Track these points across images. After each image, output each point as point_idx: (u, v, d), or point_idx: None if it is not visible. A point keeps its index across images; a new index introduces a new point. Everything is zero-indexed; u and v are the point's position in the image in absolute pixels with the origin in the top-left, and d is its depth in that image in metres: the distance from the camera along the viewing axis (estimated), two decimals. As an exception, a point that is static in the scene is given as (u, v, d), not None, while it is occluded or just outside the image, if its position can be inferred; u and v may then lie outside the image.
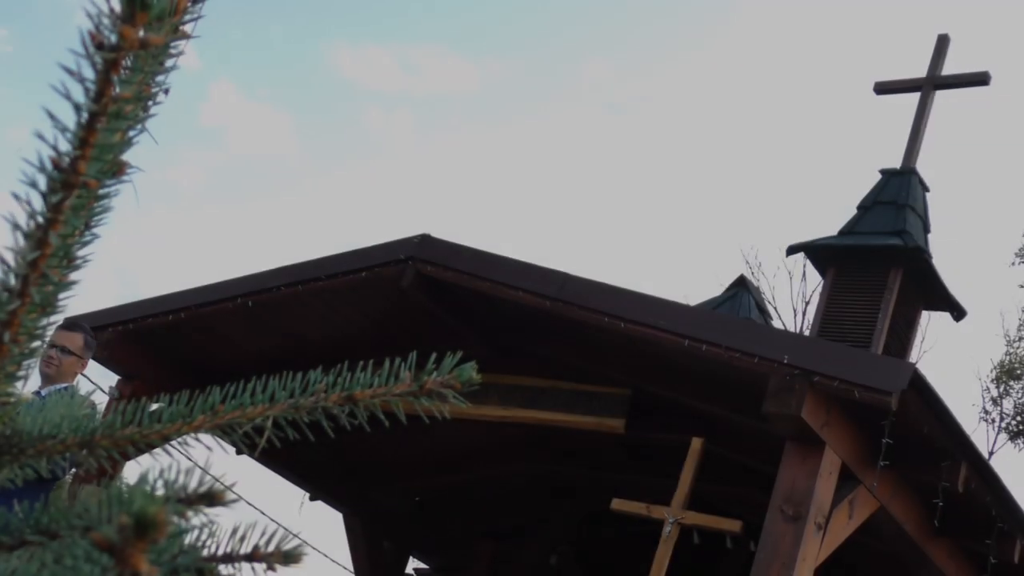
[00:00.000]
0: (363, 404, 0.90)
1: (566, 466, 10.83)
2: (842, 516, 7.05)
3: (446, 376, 0.92)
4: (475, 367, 0.93)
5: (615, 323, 7.54)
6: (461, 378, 0.92)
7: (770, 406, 6.74)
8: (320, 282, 8.96)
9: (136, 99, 0.72)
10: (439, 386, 0.91)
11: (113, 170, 0.74)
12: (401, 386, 0.91)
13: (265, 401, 0.88)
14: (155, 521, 0.57)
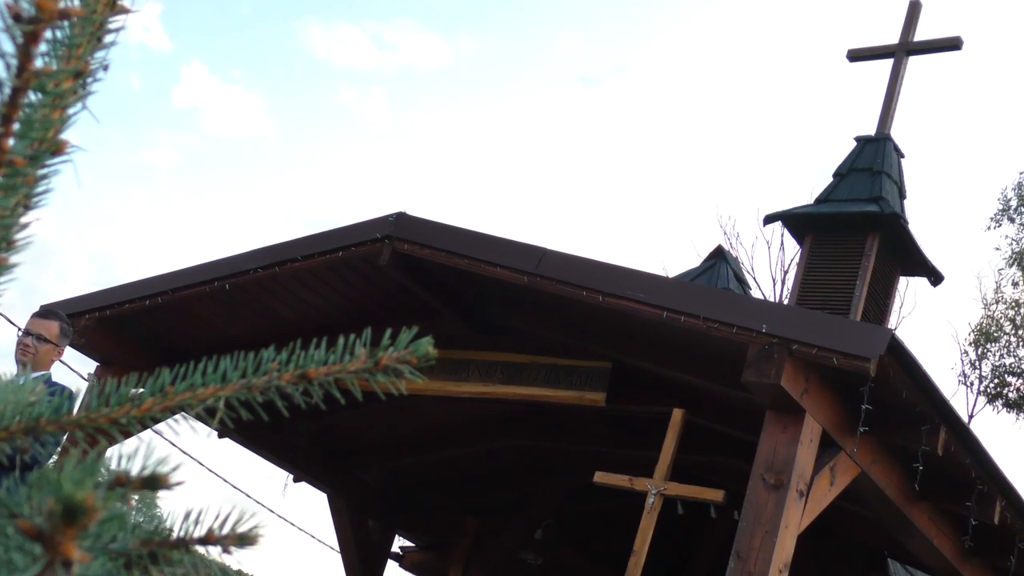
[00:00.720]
0: (318, 382, 0.89)
1: (549, 441, 10.85)
2: (824, 483, 7.08)
3: (402, 352, 0.90)
4: (431, 342, 0.91)
5: (593, 297, 7.53)
6: (417, 353, 0.90)
7: (749, 375, 6.74)
8: (297, 263, 8.93)
9: (69, 74, 0.69)
10: (395, 362, 0.90)
11: (50, 149, 0.72)
12: (356, 363, 0.89)
13: (217, 381, 0.86)
14: (84, 507, 0.55)
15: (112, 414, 0.79)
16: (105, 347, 9.79)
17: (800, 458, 6.76)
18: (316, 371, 0.89)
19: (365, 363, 0.89)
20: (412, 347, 0.90)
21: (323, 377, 0.89)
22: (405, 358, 0.90)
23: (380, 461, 11.65)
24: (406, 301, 9.35)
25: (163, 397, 0.81)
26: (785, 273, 24.53)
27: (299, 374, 0.88)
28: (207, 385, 0.85)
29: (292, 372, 0.87)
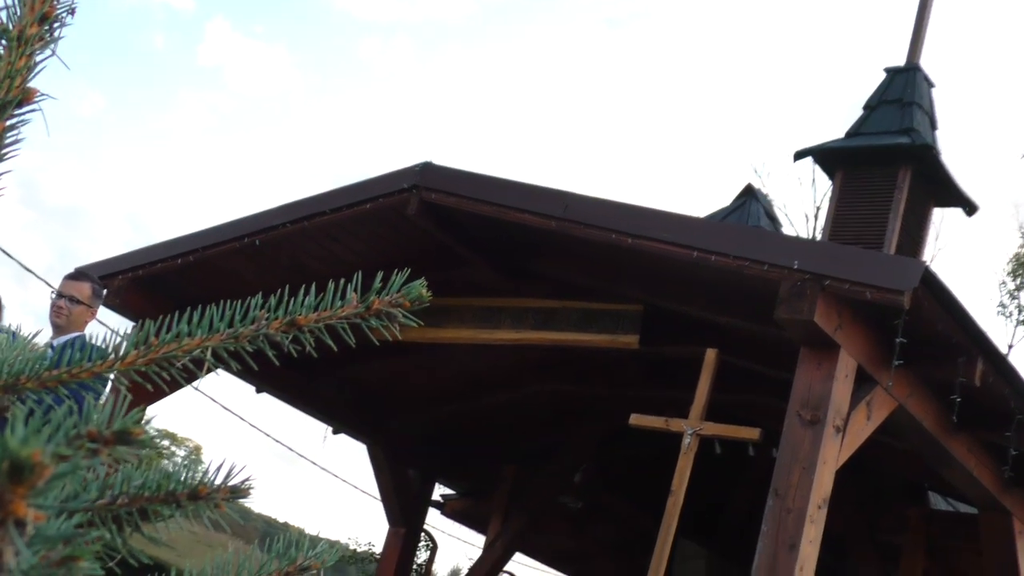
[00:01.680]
0: (308, 329, 0.87)
1: (583, 385, 10.85)
2: (860, 418, 7.04)
3: (394, 295, 0.88)
4: (424, 284, 0.89)
5: (621, 239, 7.49)
6: (410, 296, 0.88)
7: (782, 312, 6.70)
8: (325, 216, 8.92)
9: (33, 20, 0.67)
10: (387, 306, 0.88)
11: (18, 98, 0.70)
12: (347, 308, 0.87)
13: (203, 331, 0.84)
14: (30, 464, 0.54)
15: (95, 368, 0.78)
16: (139, 307, 9.83)
17: (836, 394, 6.72)
18: (306, 318, 0.86)
19: (356, 308, 0.86)
20: (404, 290, 0.88)
21: (313, 324, 0.86)
22: (397, 302, 0.87)
23: (416, 411, 11.70)
24: (435, 251, 9.33)
25: (147, 349, 0.79)
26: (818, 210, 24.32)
27: (288, 322, 0.86)
28: (193, 336, 0.83)
29: (281, 320, 0.85)
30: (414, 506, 12.06)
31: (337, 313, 0.87)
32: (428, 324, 9.62)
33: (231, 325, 0.86)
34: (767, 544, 6.55)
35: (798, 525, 6.49)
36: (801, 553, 6.47)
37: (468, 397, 11.50)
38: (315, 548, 0.93)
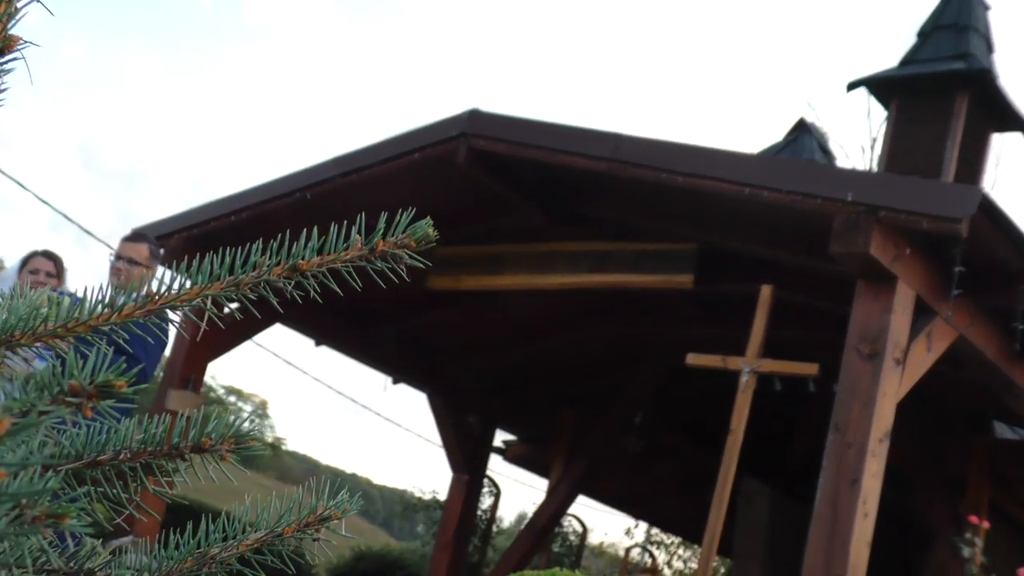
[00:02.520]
0: (311, 274, 0.85)
1: (639, 327, 10.81)
2: (920, 349, 6.96)
3: (400, 236, 0.86)
4: (431, 223, 0.87)
5: (672, 178, 7.42)
6: (416, 236, 0.86)
7: (837, 246, 6.61)
8: (374, 168, 8.92)
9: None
10: (393, 247, 0.86)
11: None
12: (352, 251, 0.85)
13: (204, 280, 0.83)
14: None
15: (91, 321, 0.77)
16: (196, 265, 9.93)
17: (894, 326, 6.64)
18: (308, 263, 0.85)
19: (360, 251, 0.85)
20: (410, 230, 0.86)
21: (316, 269, 0.85)
22: (403, 242, 0.85)
23: (474, 359, 11.73)
24: (487, 198, 9.31)
25: (145, 300, 0.78)
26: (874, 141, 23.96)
27: (290, 267, 0.84)
28: (192, 285, 0.82)
29: (283, 265, 0.84)
30: (476, 453, 12.14)
31: (341, 256, 0.85)
32: (483, 272, 9.62)
33: (232, 272, 0.84)
34: (828, 479, 6.51)
35: (859, 459, 6.44)
36: (863, 487, 6.43)
37: (525, 343, 11.51)
38: (336, 497, 0.92)
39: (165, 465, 0.78)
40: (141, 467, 0.75)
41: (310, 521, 0.89)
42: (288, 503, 0.88)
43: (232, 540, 0.85)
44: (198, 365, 9.84)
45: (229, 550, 0.84)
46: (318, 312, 10.78)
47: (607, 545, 24.09)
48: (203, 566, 0.82)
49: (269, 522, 0.88)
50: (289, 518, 0.89)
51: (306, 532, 0.89)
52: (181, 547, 0.82)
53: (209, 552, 0.83)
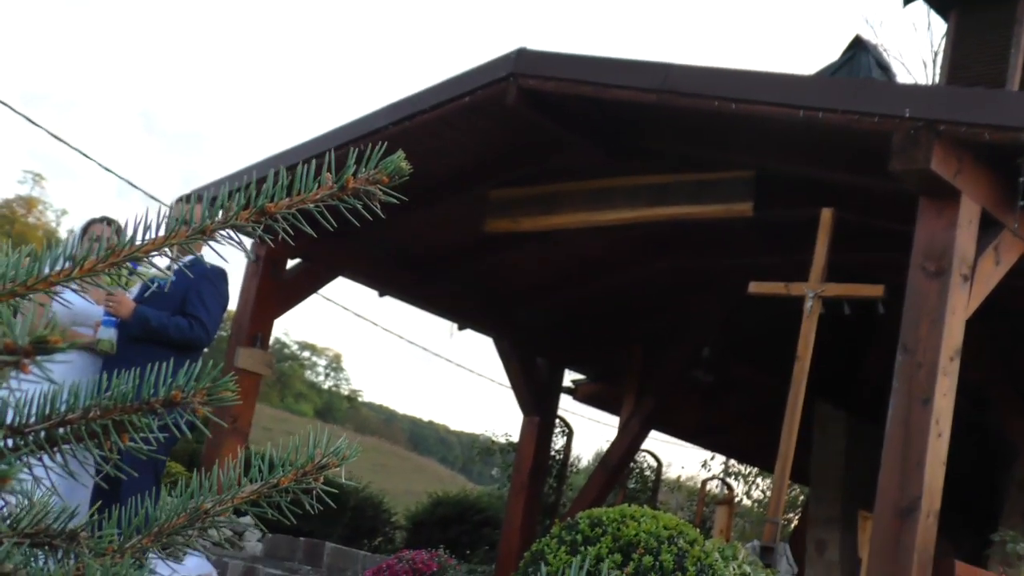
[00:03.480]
0: (280, 216, 0.82)
1: (702, 258, 10.72)
2: (988, 264, 6.81)
3: (370, 172, 0.82)
4: (402, 157, 0.83)
5: (725, 105, 7.30)
6: (388, 170, 0.82)
7: (897, 163, 6.48)
8: (426, 114, 8.88)
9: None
10: (364, 184, 0.82)
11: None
12: (322, 190, 0.82)
13: (171, 229, 0.80)
14: None
15: (52, 278, 0.75)
16: (256, 223, 9.98)
17: (960, 241, 6.51)
18: (277, 205, 0.82)
19: (331, 189, 0.81)
20: (382, 165, 0.82)
21: (285, 211, 0.82)
22: (375, 178, 0.82)
23: (538, 300, 11.71)
24: (540, 138, 9.24)
25: (108, 254, 0.75)
26: (935, 55, 23.41)
27: (258, 210, 0.81)
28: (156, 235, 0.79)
29: (250, 209, 0.81)
30: (546, 394, 12.15)
31: (310, 196, 0.82)
32: (540, 212, 9.57)
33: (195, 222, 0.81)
34: (900, 400, 6.42)
35: (930, 379, 6.35)
36: (936, 407, 6.34)
37: (588, 281, 11.47)
38: (333, 446, 0.90)
39: (138, 421, 0.76)
40: (113, 425, 0.73)
41: (308, 470, 0.87)
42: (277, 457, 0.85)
43: (227, 493, 0.83)
44: (265, 322, 9.92)
45: (224, 503, 0.83)
46: (380, 263, 10.82)
47: (685, 478, 24.12)
48: (196, 520, 0.80)
49: (265, 473, 0.85)
50: (286, 468, 0.87)
51: (304, 482, 0.87)
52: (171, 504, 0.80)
53: (202, 507, 0.81)
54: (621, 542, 4.60)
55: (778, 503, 7.08)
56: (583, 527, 4.71)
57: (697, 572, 4.56)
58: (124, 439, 0.76)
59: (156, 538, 0.78)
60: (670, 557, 4.54)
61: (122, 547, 0.75)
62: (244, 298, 10.00)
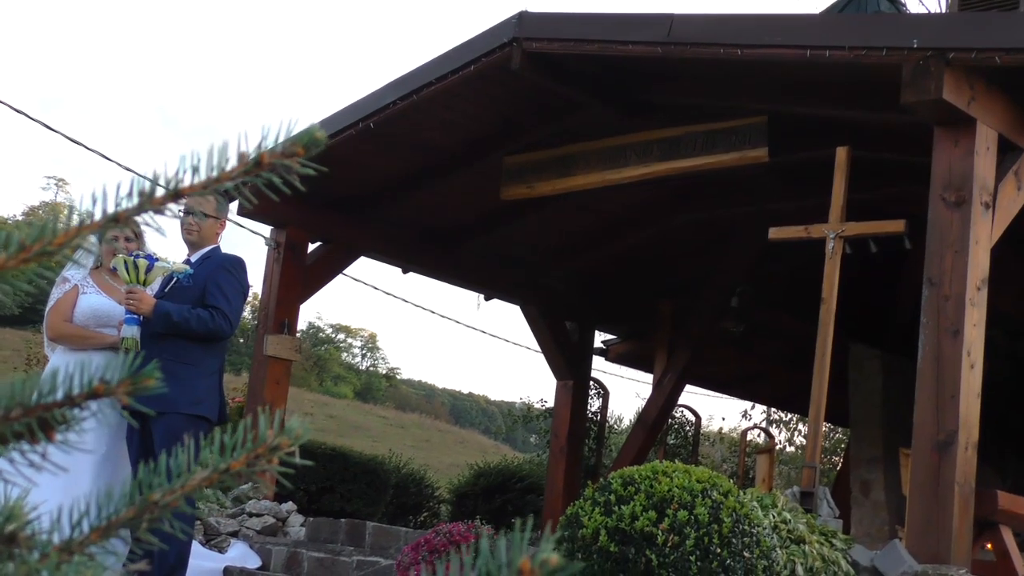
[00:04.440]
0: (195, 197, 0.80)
1: (723, 208, 10.65)
2: (1009, 189, 6.73)
3: (285, 145, 0.80)
4: (318, 127, 0.80)
5: (731, 52, 7.23)
6: (303, 142, 0.80)
7: (909, 96, 6.40)
8: (432, 86, 8.84)
9: None
10: (280, 158, 0.80)
11: None
12: (236, 169, 0.79)
13: (81, 220, 0.78)
14: None
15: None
16: (275, 209, 9.96)
17: (979, 169, 6.43)
18: (191, 187, 0.79)
19: (245, 166, 0.79)
20: (296, 137, 0.80)
21: (199, 193, 0.79)
22: (290, 151, 0.79)
23: (562, 263, 11.67)
24: (549, 100, 9.19)
25: (19, 250, 0.73)
26: (949, -18, 23.10)
27: (171, 193, 0.79)
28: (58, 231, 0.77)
29: (164, 195, 0.78)
30: (578, 357, 12.13)
31: (223, 176, 0.80)
32: (555, 175, 9.52)
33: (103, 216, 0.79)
34: (929, 334, 6.37)
35: (958, 310, 6.28)
36: (966, 338, 6.27)
37: (611, 240, 11.42)
38: (286, 426, 0.88)
39: (61, 417, 0.74)
40: (37, 423, 0.72)
41: (260, 452, 0.85)
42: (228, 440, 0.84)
43: (176, 482, 0.82)
44: (290, 308, 9.94)
45: (173, 493, 0.81)
46: (401, 239, 10.81)
47: (728, 430, 24.10)
48: (145, 511, 0.79)
49: (215, 458, 0.84)
50: (238, 452, 0.85)
51: (256, 464, 0.85)
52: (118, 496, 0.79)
53: (151, 498, 0.79)
54: (655, 499, 4.58)
55: (814, 447, 7.05)
56: (616, 487, 4.70)
57: (733, 523, 4.54)
58: (52, 436, 0.74)
59: (104, 533, 0.77)
60: (704, 510, 4.52)
61: (69, 545, 0.74)
62: (267, 285, 10.02)
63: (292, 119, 0.79)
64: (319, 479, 10.85)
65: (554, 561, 0.69)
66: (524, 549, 0.70)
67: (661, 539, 4.44)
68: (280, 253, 9.93)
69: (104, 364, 3.50)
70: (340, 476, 11.02)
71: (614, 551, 4.47)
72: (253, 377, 9.94)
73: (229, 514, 8.58)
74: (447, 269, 11.30)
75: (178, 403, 5.55)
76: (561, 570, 0.69)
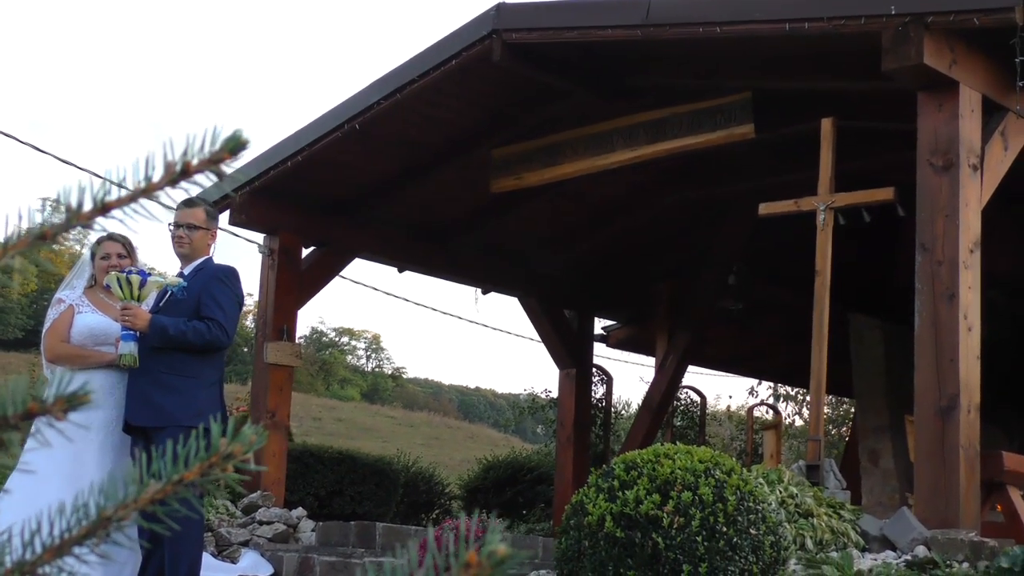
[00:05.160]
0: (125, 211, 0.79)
1: (714, 187, 10.64)
2: (996, 150, 6.72)
3: (212, 152, 0.79)
4: (241, 131, 0.80)
5: (710, 30, 7.21)
6: (229, 147, 0.79)
7: (889, 62, 6.40)
8: (415, 83, 8.82)
9: None
10: (206, 164, 0.79)
11: None
12: (163, 179, 0.79)
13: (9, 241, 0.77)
14: None
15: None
16: (266, 217, 9.96)
17: (964, 131, 6.42)
18: (119, 200, 0.79)
19: (172, 175, 0.78)
20: (222, 143, 0.79)
21: (127, 206, 0.79)
22: (216, 156, 0.79)
23: (559, 252, 11.66)
24: (533, 91, 9.18)
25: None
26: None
27: (98, 208, 0.78)
28: None
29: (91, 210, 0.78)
30: (579, 345, 12.13)
31: (152, 185, 0.79)
32: (543, 165, 9.51)
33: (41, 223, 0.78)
34: (925, 300, 6.37)
35: (952, 274, 6.28)
36: (962, 301, 6.27)
37: (605, 226, 11.41)
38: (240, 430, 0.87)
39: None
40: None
41: (214, 462, 0.85)
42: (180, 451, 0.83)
43: (128, 495, 0.81)
44: (288, 313, 9.93)
45: (126, 508, 0.80)
46: (395, 239, 10.79)
47: (736, 408, 24.09)
48: (99, 528, 0.78)
49: (168, 470, 0.83)
50: (191, 462, 0.84)
51: (211, 473, 0.85)
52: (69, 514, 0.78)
53: (103, 514, 0.79)
54: (658, 482, 4.58)
55: (817, 420, 7.05)
56: (619, 472, 4.69)
57: (738, 501, 4.53)
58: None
59: (56, 554, 0.76)
60: (708, 490, 4.52)
61: (16, 569, 0.73)
62: (264, 293, 10.01)
63: (217, 125, 0.78)
64: (328, 483, 10.85)
65: (501, 552, 0.69)
66: (472, 543, 0.70)
67: (667, 522, 4.44)
68: (274, 260, 9.92)
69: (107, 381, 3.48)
70: (349, 479, 11.01)
71: (620, 536, 4.47)
72: (255, 386, 9.93)
73: (239, 524, 8.59)
74: (443, 265, 11.29)
75: (179, 416, 5.55)
76: (509, 560, 0.69)
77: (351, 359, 52.91)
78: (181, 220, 6.49)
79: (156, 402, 5.57)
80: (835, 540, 5.85)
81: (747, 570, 4.44)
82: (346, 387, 48.92)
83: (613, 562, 4.47)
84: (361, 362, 53.84)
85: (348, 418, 38.09)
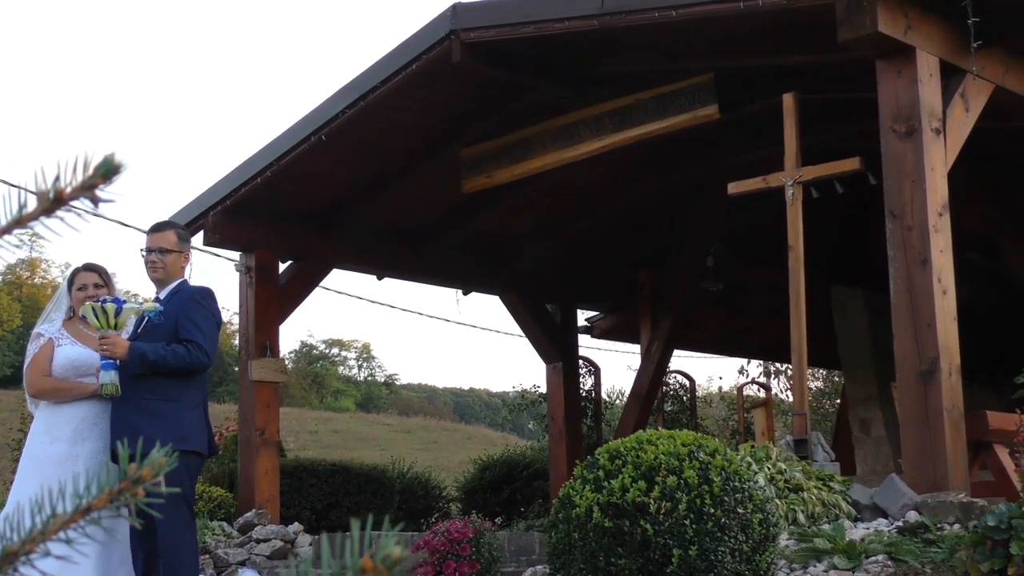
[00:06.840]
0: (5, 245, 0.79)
1: (685, 170, 10.65)
2: (958, 112, 6.74)
3: (85, 178, 0.79)
4: (114, 156, 0.80)
5: (667, 15, 7.22)
6: (103, 173, 0.79)
7: (845, 33, 6.42)
8: (378, 90, 8.81)
9: None
10: (80, 191, 0.79)
11: None
12: (36, 209, 0.78)
13: None
14: None
15: None
16: (240, 234, 9.94)
17: (924, 96, 6.44)
18: (-6, 230, 0.78)
19: (45, 204, 0.78)
20: (95, 168, 0.79)
21: (5, 239, 0.78)
22: (89, 183, 0.78)
23: (537, 246, 11.65)
24: (497, 88, 9.19)
25: None
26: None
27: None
28: None
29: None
30: (563, 338, 12.13)
31: (26, 216, 0.79)
32: (513, 161, 9.52)
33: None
34: (898, 266, 6.39)
35: (923, 239, 6.30)
36: (934, 265, 6.29)
37: (580, 217, 11.42)
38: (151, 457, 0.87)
39: None
40: None
41: (123, 487, 0.85)
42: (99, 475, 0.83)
43: (34, 528, 0.81)
44: (270, 329, 9.91)
45: (32, 541, 0.80)
46: (371, 247, 10.77)
47: (727, 389, 24.12)
48: (5, 565, 0.78)
49: (75, 497, 0.83)
50: (100, 489, 0.84)
51: (120, 499, 0.85)
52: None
53: (9, 550, 0.79)
54: (642, 468, 4.58)
55: (802, 394, 7.06)
56: (603, 462, 4.70)
57: (723, 482, 4.54)
58: None
59: (-36, 590, 0.76)
60: (693, 473, 4.52)
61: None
62: (244, 311, 9.99)
63: (89, 151, 0.78)
64: (324, 496, 10.83)
65: (395, 555, 0.69)
66: (366, 548, 0.70)
67: (654, 508, 4.45)
68: (252, 277, 9.90)
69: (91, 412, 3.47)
70: (344, 490, 11.00)
71: (609, 526, 4.48)
72: (242, 404, 9.91)
73: (236, 543, 8.57)
74: (421, 269, 11.28)
75: (164, 441, 5.52)
76: (402, 561, 0.69)
77: (343, 370, 52.81)
78: (152, 245, 6.47)
79: (140, 429, 5.55)
80: (827, 512, 5.87)
81: (737, 549, 4.45)
82: (340, 398, 48.84)
83: (603, 552, 4.47)
84: (353, 372, 53.76)
85: (344, 429, 37.99)
